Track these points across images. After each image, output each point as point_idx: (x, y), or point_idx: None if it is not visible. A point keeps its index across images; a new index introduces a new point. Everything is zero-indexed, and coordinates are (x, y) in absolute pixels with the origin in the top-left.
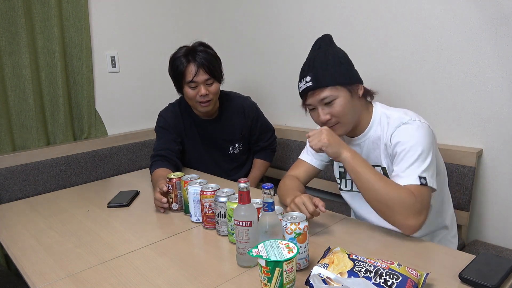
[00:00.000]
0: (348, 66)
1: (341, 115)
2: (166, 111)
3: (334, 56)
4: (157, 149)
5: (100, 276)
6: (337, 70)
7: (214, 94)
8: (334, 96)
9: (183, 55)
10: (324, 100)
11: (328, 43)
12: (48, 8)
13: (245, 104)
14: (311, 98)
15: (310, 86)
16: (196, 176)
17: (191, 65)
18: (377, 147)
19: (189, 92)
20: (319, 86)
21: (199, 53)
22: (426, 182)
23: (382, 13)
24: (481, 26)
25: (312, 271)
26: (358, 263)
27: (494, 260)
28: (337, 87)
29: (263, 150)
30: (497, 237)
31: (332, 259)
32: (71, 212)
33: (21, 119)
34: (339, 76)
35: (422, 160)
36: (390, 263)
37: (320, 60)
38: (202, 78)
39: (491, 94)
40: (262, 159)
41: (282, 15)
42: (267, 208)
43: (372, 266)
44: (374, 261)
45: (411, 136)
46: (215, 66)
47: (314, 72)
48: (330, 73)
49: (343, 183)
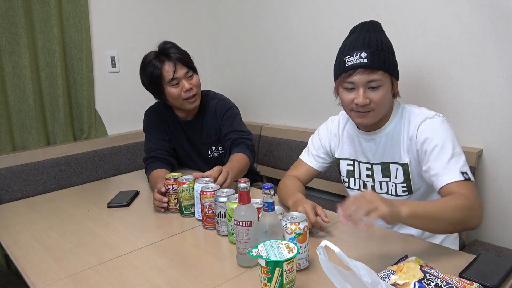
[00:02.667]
0: (395, 58)
1: (380, 104)
2: (150, 109)
3: (388, 44)
4: (148, 151)
5: (100, 276)
6: (390, 58)
7: (196, 86)
8: (382, 82)
9: (153, 58)
10: (372, 82)
11: (379, 30)
12: (48, 8)
13: (218, 104)
14: (359, 76)
15: (365, 63)
16: (191, 177)
17: (166, 64)
18: (395, 143)
19: (173, 92)
20: (374, 66)
21: (170, 49)
22: (469, 177)
23: (381, 13)
24: (481, 26)
25: (321, 244)
26: (429, 276)
27: (494, 260)
28: (387, 74)
29: (236, 144)
30: (497, 237)
31: (402, 267)
32: (71, 212)
33: (21, 119)
34: (391, 64)
35: (458, 155)
36: (470, 283)
37: (377, 42)
38: (182, 73)
39: (491, 94)
40: (238, 152)
41: (281, 13)
42: (267, 208)
43: (445, 283)
44: (448, 278)
45: (440, 131)
46: (189, 58)
47: (371, 50)
48: (386, 58)
49: (352, 181)
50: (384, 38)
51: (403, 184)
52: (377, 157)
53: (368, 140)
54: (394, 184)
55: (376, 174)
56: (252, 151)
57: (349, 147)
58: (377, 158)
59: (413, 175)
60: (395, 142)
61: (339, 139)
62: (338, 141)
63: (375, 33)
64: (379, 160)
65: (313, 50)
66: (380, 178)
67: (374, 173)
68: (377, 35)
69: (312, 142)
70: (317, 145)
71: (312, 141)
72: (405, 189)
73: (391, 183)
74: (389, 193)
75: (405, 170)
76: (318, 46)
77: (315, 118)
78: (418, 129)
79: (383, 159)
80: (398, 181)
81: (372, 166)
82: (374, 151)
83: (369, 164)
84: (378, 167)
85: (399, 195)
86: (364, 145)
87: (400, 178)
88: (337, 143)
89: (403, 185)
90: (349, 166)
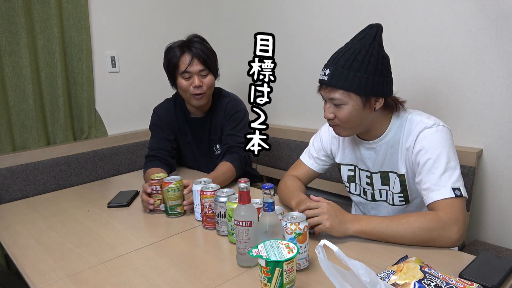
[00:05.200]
0: (376, 75)
1: (344, 121)
2: (159, 107)
3: (365, 59)
4: (150, 149)
5: (100, 276)
6: (358, 76)
7: (208, 86)
8: (343, 102)
9: (177, 46)
10: (334, 100)
11: (371, 39)
12: (48, 8)
13: (229, 103)
14: (323, 91)
15: (324, 81)
16: (178, 177)
17: (185, 55)
18: (394, 152)
19: (183, 83)
20: (332, 85)
21: (195, 43)
22: (461, 193)
23: (381, 13)
24: (481, 26)
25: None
26: (429, 276)
27: (494, 260)
28: (350, 94)
29: (230, 152)
30: (497, 237)
31: (401, 267)
32: (71, 212)
33: (21, 119)
34: (356, 84)
35: (452, 169)
36: (469, 284)
37: (348, 57)
38: (196, 69)
39: (491, 94)
40: (228, 161)
41: (283, 12)
42: (267, 208)
43: (445, 283)
44: (448, 278)
45: (436, 143)
46: (210, 59)
47: (335, 68)
48: (349, 77)
49: (352, 186)
50: (368, 52)
51: (400, 194)
52: (377, 165)
53: (369, 149)
54: (392, 194)
55: (376, 182)
56: (243, 163)
57: (350, 153)
58: (376, 167)
59: (410, 186)
60: (394, 151)
61: (340, 143)
62: (339, 144)
63: (362, 44)
64: (379, 169)
65: (313, 50)
66: (380, 186)
67: (373, 181)
68: (363, 46)
69: (313, 143)
70: (318, 147)
71: (313, 143)
72: (402, 199)
73: (390, 191)
74: (388, 201)
75: (402, 181)
76: (319, 46)
77: (316, 118)
78: (415, 139)
79: (383, 168)
80: (395, 191)
81: (372, 175)
82: (374, 160)
83: (368, 172)
84: (377, 175)
85: (396, 205)
86: (364, 153)
87: (397, 188)
88: (337, 146)
89: (400, 195)
90: (350, 171)
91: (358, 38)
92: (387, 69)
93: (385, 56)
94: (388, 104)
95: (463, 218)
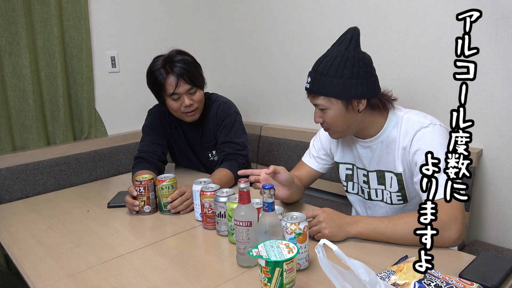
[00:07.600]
0: (352, 79)
1: (331, 124)
2: (153, 110)
3: (341, 64)
4: (140, 151)
5: (100, 276)
6: (335, 82)
7: (198, 102)
8: (326, 106)
9: (161, 66)
10: (318, 106)
11: (347, 42)
12: (48, 8)
13: (219, 108)
14: (309, 98)
15: (307, 88)
16: (172, 175)
17: (169, 77)
18: (391, 151)
19: (173, 105)
20: (314, 92)
21: (177, 63)
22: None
23: (381, 13)
24: (481, 26)
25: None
26: (429, 276)
27: (494, 260)
28: (330, 99)
29: (228, 159)
30: (497, 237)
31: (402, 267)
32: (71, 212)
33: (21, 119)
34: (334, 89)
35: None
36: (469, 284)
37: (325, 64)
38: (184, 89)
39: (491, 94)
40: (226, 167)
41: (282, 15)
42: (267, 208)
43: (445, 283)
44: (448, 278)
45: (433, 143)
46: (195, 74)
47: (315, 75)
48: (327, 83)
49: (350, 185)
50: (344, 57)
51: (397, 193)
52: (373, 164)
53: (365, 147)
54: (389, 193)
55: (372, 181)
56: (242, 169)
57: (348, 152)
58: (372, 166)
59: (408, 185)
60: (391, 150)
61: (338, 142)
62: (338, 143)
63: (339, 49)
64: (375, 167)
65: (313, 50)
66: (376, 185)
67: (370, 180)
68: (340, 51)
69: (314, 144)
70: (318, 146)
71: (314, 143)
72: (400, 198)
73: (386, 191)
74: (384, 201)
75: (399, 180)
76: (319, 46)
77: None
78: (412, 139)
79: (379, 167)
80: (393, 190)
81: (368, 173)
82: (370, 158)
83: (365, 171)
84: (373, 174)
85: (394, 204)
86: (360, 152)
87: (395, 188)
88: (336, 145)
89: (398, 194)
90: (348, 170)
91: (336, 44)
92: (365, 70)
93: (363, 58)
94: (374, 104)
95: (462, 217)
